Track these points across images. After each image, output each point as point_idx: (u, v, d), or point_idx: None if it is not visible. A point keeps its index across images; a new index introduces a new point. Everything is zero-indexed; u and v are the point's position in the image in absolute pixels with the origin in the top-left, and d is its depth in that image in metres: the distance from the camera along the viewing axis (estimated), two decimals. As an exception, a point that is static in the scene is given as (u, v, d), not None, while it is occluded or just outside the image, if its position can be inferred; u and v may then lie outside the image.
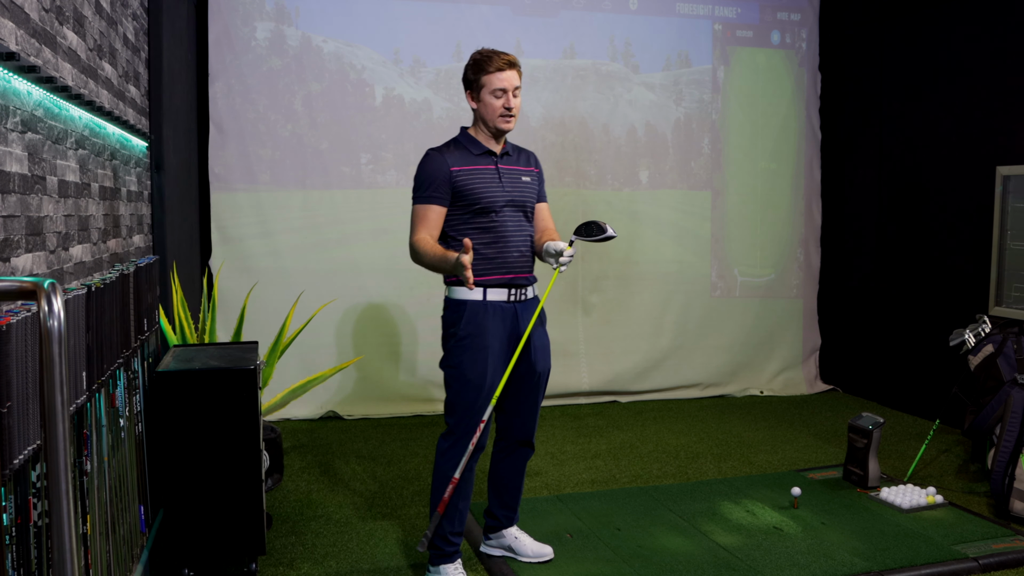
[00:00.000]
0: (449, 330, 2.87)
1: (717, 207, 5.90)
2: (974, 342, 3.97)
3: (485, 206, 2.82)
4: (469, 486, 2.92)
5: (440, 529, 2.89)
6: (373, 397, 5.28)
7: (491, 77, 2.80)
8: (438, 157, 2.85)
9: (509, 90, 2.81)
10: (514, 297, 2.87)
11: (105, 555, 2.35)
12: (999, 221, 4.10)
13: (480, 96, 2.84)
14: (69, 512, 1.26)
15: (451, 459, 2.86)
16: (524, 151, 3.05)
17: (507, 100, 2.80)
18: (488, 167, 2.87)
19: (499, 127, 2.84)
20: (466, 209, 2.83)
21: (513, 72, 2.82)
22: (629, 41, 5.67)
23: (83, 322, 2.13)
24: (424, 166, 2.86)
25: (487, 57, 2.82)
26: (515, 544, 3.10)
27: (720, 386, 5.89)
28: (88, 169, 2.67)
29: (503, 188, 2.86)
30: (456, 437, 2.87)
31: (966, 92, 4.91)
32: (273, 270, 5.08)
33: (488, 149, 2.89)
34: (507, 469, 3.08)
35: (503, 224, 2.85)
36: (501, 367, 2.85)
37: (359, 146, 5.24)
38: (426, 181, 2.83)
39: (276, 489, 3.91)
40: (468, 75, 2.88)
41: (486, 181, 2.84)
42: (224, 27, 4.99)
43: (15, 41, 1.93)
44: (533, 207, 2.99)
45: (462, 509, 2.92)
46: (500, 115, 2.82)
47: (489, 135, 2.89)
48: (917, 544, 3.24)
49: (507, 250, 2.85)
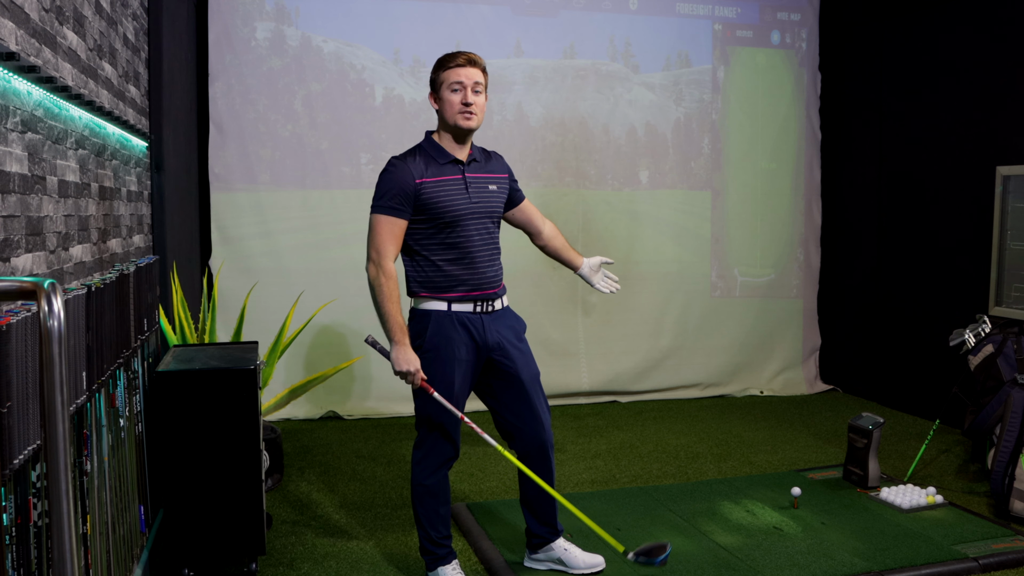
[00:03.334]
0: (415, 341, 2.82)
1: (717, 207, 5.90)
2: (974, 342, 3.97)
3: (450, 220, 2.75)
4: (446, 492, 2.92)
5: (427, 536, 2.91)
6: (373, 397, 5.28)
7: (448, 72, 2.73)
8: (403, 167, 2.75)
9: (468, 85, 2.72)
10: (480, 308, 2.82)
11: (105, 555, 2.35)
12: (999, 221, 4.10)
13: (440, 93, 2.76)
14: (69, 512, 1.26)
15: (425, 469, 2.88)
16: (491, 154, 2.96)
17: (465, 95, 2.71)
18: (455, 177, 2.78)
19: (458, 124, 2.74)
20: (431, 223, 2.76)
21: (473, 69, 2.74)
22: (629, 41, 5.67)
23: (83, 322, 2.13)
24: (388, 176, 2.76)
25: (447, 55, 2.78)
26: (565, 556, 3.04)
27: (720, 386, 5.88)
28: (88, 169, 2.67)
29: (470, 199, 2.78)
30: (427, 447, 2.88)
31: (966, 92, 4.90)
32: (273, 270, 5.08)
33: (454, 157, 2.80)
34: (536, 486, 2.97)
35: (469, 238, 2.78)
36: (469, 377, 2.84)
37: (359, 146, 5.24)
38: (389, 192, 2.73)
39: (276, 489, 3.91)
40: (431, 76, 2.81)
41: (452, 193, 2.76)
42: (224, 27, 4.99)
43: (15, 41, 1.93)
44: (500, 216, 2.94)
45: (443, 514, 2.92)
46: (459, 111, 2.71)
47: (453, 139, 2.80)
48: (917, 544, 3.24)
49: (473, 264, 2.79)
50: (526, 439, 2.95)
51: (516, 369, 2.88)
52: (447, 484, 2.94)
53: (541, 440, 2.96)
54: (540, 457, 2.98)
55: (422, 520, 2.91)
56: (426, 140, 2.85)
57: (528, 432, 2.94)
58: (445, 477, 2.92)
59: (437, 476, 2.88)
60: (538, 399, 2.95)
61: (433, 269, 2.79)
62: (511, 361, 2.87)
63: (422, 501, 2.90)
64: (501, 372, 2.88)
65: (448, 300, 2.79)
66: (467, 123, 2.74)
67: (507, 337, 2.88)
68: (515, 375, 2.89)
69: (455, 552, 3.00)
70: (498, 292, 2.88)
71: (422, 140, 2.86)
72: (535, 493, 3.00)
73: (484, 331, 2.82)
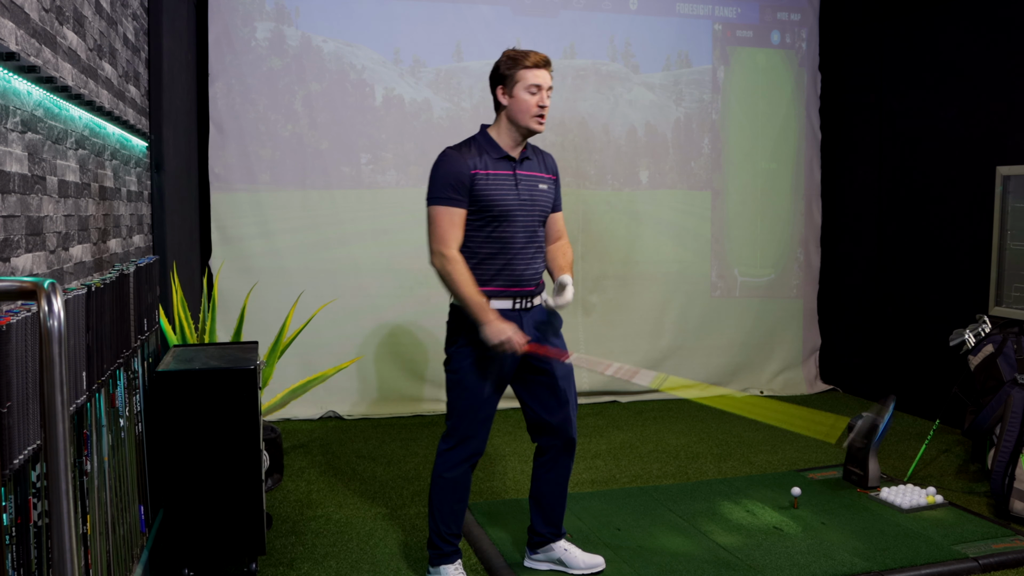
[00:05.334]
0: (452, 335, 2.84)
1: (717, 207, 5.90)
2: (974, 342, 3.97)
3: (498, 214, 2.74)
4: (464, 488, 2.91)
5: (436, 529, 2.90)
6: (373, 397, 5.29)
7: (528, 72, 2.71)
8: (458, 157, 2.74)
9: (544, 88, 2.73)
10: (519, 305, 2.83)
11: (105, 555, 2.35)
12: (999, 221, 4.10)
13: (514, 92, 2.73)
14: (69, 512, 1.26)
15: (448, 461, 2.87)
16: (543, 153, 2.96)
17: (541, 98, 2.72)
18: (506, 172, 2.78)
19: (531, 127, 2.74)
20: (479, 216, 2.75)
21: (549, 72, 2.76)
22: (629, 41, 5.67)
23: (83, 322, 2.13)
24: (443, 166, 2.74)
25: (524, 52, 2.75)
26: (565, 557, 3.05)
27: (720, 386, 5.88)
28: (88, 169, 2.67)
29: (519, 196, 2.78)
30: (455, 440, 2.86)
31: (966, 92, 4.90)
32: (273, 270, 5.08)
33: (507, 154, 2.80)
34: (550, 484, 2.99)
35: (514, 235, 2.78)
36: (503, 374, 2.84)
37: (359, 146, 5.24)
38: (445, 182, 2.71)
39: (276, 489, 3.91)
40: (501, 70, 2.76)
41: (503, 188, 2.76)
42: (224, 27, 4.99)
43: (15, 41, 1.93)
44: (547, 216, 2.92)
45: (457, 510, 2.91)
46: (534, 115, 2.72)
47: (513, 137, 2.79)
48: (917, 544, 3.24)
49: (515, 261, 2.79)
50: (554, 435, 2.96)
51: (551, 365, 2.90)
52: (468, 481, 2.91)
53: (569, 436, 2.97)
54: (564, 454, 2.99)
55: (435, 512, 2.91)
56: (481, 133, 2.84)
57: (557, 428, 2.95)
58: (467, 473, 2.89)
59: (459, 470, 2.86)
60: (571, 396, 2.95)
61: (475, 260, 2.78)
62: (546, 360, 2.88)
63: (439, 493, 2.89)
64: (536, 367, 2.89)
65: (487, 294, 2.77)
66: (539, 127, 2.75)
67: (544, 332, 2.89)
68: (550, 371, 2.90)
69: (461, 552, 3.00)
70: (536, 290, 2.88)
71: (476, 133, 2.85)
72: (548, 491, 3.01)
73: (522, 327, 2.81)
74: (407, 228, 5.29)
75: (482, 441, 2.87)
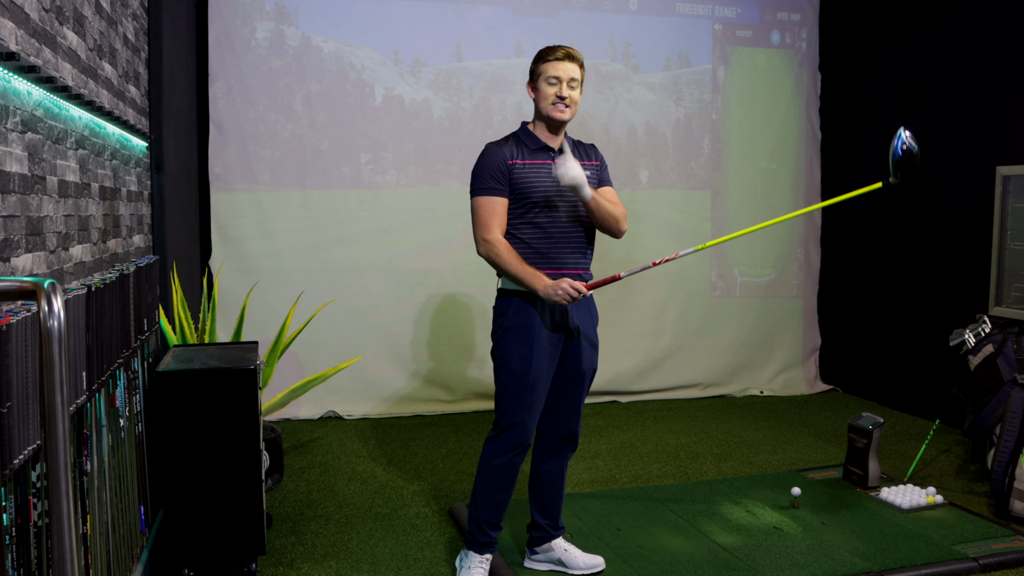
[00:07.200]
0: (498, 320, 2.89)
1: (717, 207, 5.90)
2: (974, 342, 3.97)
3: (538, 200, 2.83)
4: (509, 479, 2.91)
5: (475, 516, 2.94)
6: (373, 397, 5.28)
7: (547, 65, 2.84)
8: (496, 150, 2.87)
9: (564, 80, 2.82)
10: None
11: (105, 555, 2.36)
12: (999, 221, 4.10)
13: (537, 84, 2.87)
14: (69, 512, 1.26)
15: (495, 448, 2.88)
16: (585, 145, 3.04)
17: (560, 89, 2.81)
18: (545, 161, 2.87)
19: (551, 115, 2.83)
20: (520, 203, 2.84)
21: (571, 64, 2.83)
22: (629, 41, 5.67)
23: (83, 322, 2.13)
24: (483, 159, 2.87)
25: (548, 48, 2.87)
26: (565, 557, 3.06)
27: (720, 386, 5.89)
28: (88, 169, 2.67)
29: (558, 183, 2.82)
30: (501, 427, 2.88)
31: (966, 92, 4.90)
32: (273, 270, 5.08)
33: (545, 144, 2.89)
34: (548, 473, 3.04)
35: (556, 220, 2.85)
36: (548, 360, 2.86)
37: (359, 146, 5.24)
38: (486, 173, 2.83)
39: (276, 489, 3.91)
40: (531, 67, 2.91)
41: (541, 175, 2.84)
42: (224, 27, 4.99)
43: (15, 41, 1.93)
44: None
45: (499, 500, 2.92)
46: (553, 103, 2.82)
47: (546, 128, 2.90)
48: (917, 544, 3.24)
49: (559, 246, 2.85)
50: (560, 427, 3.00)
51: (580, 359, 2.93)
52: (513, 473, 2.92)
53: (573, 431, 3.01)
54: (565, 446, 3.03)
55: (476, 497, 2.93)
56: (521, 129, 2.95)
57: (564, 421, 2.99)
58: (512, 464, 2.90)
59: (504, 459, 2.87)
60: (583, 393, 3.00)
61: (521, 246, 2.83)
62: (579, 350, 2.92)
63: (483, 480, 2.92)
64: (565, 357, 2.92)
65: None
66: (560, 115, 2.84)
67: (585, 324, 2.93)
68: (577, 365, 2.93)
69: (495, 545, 2.99)
70: (583, 276, 2.91)
71: (517, 129, 2.96)
72: (546, 480, 3.05)
73: (567, 315, 2.87)
74: (407, 228, 5.30)
75: (528, 432, 2.87)
